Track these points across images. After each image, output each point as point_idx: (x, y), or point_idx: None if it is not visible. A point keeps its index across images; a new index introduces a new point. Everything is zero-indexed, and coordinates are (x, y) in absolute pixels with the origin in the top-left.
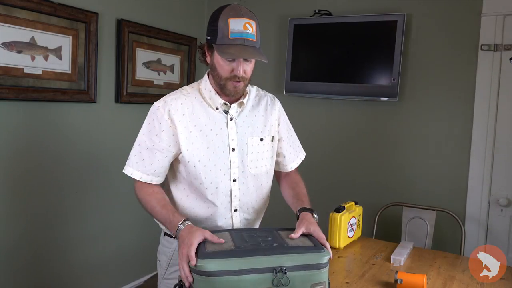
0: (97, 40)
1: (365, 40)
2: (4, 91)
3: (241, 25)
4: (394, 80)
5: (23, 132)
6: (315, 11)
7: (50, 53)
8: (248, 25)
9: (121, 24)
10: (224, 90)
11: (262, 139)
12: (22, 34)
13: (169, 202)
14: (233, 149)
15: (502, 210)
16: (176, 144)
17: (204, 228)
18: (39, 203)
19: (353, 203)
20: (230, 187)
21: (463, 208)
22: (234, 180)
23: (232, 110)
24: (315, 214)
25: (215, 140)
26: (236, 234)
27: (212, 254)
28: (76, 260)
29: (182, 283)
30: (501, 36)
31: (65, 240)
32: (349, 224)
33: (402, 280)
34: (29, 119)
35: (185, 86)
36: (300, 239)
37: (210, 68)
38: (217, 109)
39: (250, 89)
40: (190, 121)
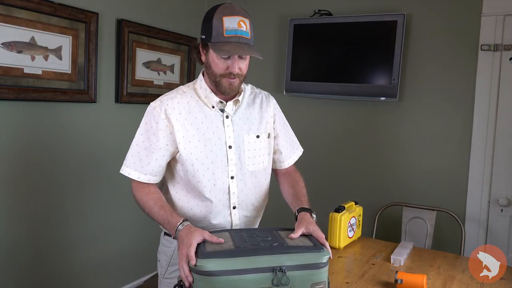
0: (97, 40)
1: (365, 40)
2: (4, 91)
3: (235, 23)
4: (394, 80)
5: (23, 132)
6: (315, 11)
7: (50, 53)
8: (242, 23)
9: (121, 24)
10: (219, 88)
11: (259, 136)
12: (22, 34)
13: (166, 203)
14: (230, 147)
15: (502, 210)
16: (174, 143)
17: (204, 227)
18: (39, 203)
19: (353, 203)
20: (228, 184)
21: (463, 208)
22: (232, 177)
23: (228, 108)
24: (314, 214)
25: (212, 138)
26: (236, 234)
27: (212, 254)
28: (76, 260)
29: (182, 283)
30: (501, 36)
31: (65, 240)
32: (349, 224)
33: (402, 280)
34: (29, 119)
35: (181, 86)
36: (300, 239)
37: (205, 67)
38: (213, 108)
39: (245, 87)
40: (187, 120)
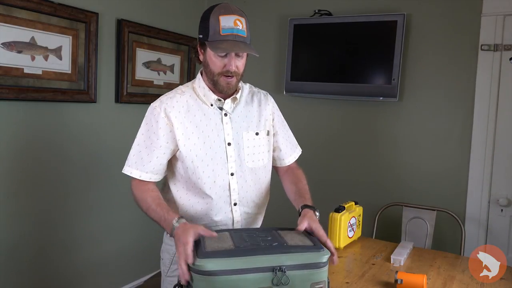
0: (97, 40)
1: (365, 40)
2: (4, 91)
3: (232, 22)
4: (394, 80)
5: (23, 132)
6: (315, 11)
7: (50, 53)
8: (238, 22)
9: (121, 24)
10: (217, 86)
11: (258, 133)
12: (22, 34)
13: (164, 201)
14: (229, 144)
15: (502, 210)
16: (174, 141)
17: (206, 224)
18: (39, 203)
19: (353, 203)
20: (228, 181)
21: (463, 208)
22: (232, 174)
23: (226, 106)
24: (317, 212)
25: (211, 135)
26: (236, 234)
27: (212, 254)
28: (77, 260)
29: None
30: (501, 36)
31: (65, 240)
32: (349, 224)
33: (402, 280)
34: (29, 119)
35: (180, 86)
36: (300, 238)
37: (203, 66)
38: (212, 106)
39: (243, 86)
40: (186, 118)
